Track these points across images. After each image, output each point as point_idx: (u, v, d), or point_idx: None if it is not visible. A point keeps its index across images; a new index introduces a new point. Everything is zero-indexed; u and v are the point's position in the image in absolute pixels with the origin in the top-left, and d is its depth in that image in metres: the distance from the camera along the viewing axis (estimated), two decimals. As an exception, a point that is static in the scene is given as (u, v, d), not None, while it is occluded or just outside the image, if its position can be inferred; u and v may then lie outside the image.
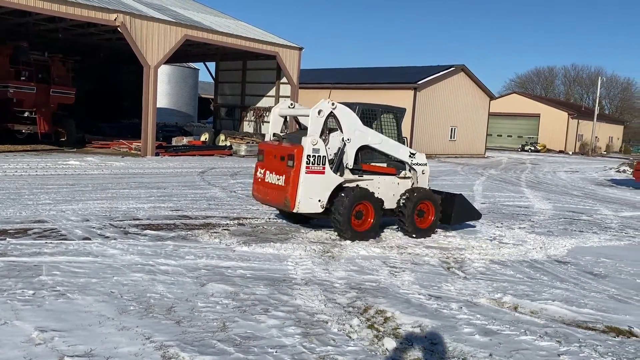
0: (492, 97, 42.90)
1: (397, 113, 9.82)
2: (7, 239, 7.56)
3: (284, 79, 27.74)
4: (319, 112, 8.59)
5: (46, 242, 7.52)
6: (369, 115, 9.31)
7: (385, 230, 9.97)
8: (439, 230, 10.36)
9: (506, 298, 6.37)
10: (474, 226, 10.99)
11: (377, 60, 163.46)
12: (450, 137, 38.60)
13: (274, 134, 9.63)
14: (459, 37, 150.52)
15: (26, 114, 21.85)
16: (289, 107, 9.68)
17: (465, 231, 10.40)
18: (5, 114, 21.30)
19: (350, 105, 9.02)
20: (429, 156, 34.57)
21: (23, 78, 21.25)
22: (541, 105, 61.99)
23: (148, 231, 8.65)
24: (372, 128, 9.28)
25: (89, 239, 7.88)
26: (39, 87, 21.60)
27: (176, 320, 5.11)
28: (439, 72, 36.57)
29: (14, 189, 11.77)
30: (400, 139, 9.71)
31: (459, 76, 38.32)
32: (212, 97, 35.10)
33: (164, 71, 38.60)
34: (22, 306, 5.15)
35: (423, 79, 35.05)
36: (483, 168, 28.68)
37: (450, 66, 37.81)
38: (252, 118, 30.22)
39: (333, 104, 8.67)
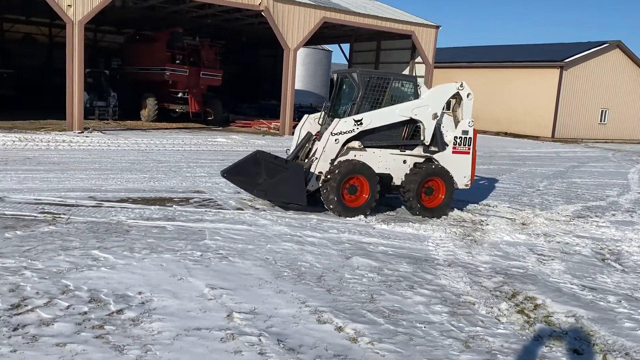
0: (652, 77, 38.38)
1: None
2: (174, 206, 8.47)
3: (419, 59, 27.22)
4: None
5: (206, 210, 8.29)
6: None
7: (528, 216, 9.55)
8: (591, 219, 9.68)
9: (674, 296, 5.82)
10: (632, 217, 10.09)
11: (519, 37, 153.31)
12: (600, 121, 35.36)
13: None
14: (615, 10, 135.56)
15: (180, 95, 23.98)
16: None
17: (621, 222, 9.59)
18: (162, 95, 23.56)
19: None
20: (574, 140, 32.38)
21: (177, 61, 23.29)
22: None
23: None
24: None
25: (242, 210, 8.53)
26: (191, 69, 23.53)
27: (327, 288, 5.40)
28: (589, 49, 33.50)
29: (173, 162, 13.05)
30: None
31: (614, 53, 34.76)
32: (345, 78, 35.53)
33: (299, 53, 39.76)
34: (193, 265, 5.78)
35: (571, 56, 32.37)
36: (639, 155, 25.94)
37: (604, 42, 34.42)
38: (385, 98, 30.19)
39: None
